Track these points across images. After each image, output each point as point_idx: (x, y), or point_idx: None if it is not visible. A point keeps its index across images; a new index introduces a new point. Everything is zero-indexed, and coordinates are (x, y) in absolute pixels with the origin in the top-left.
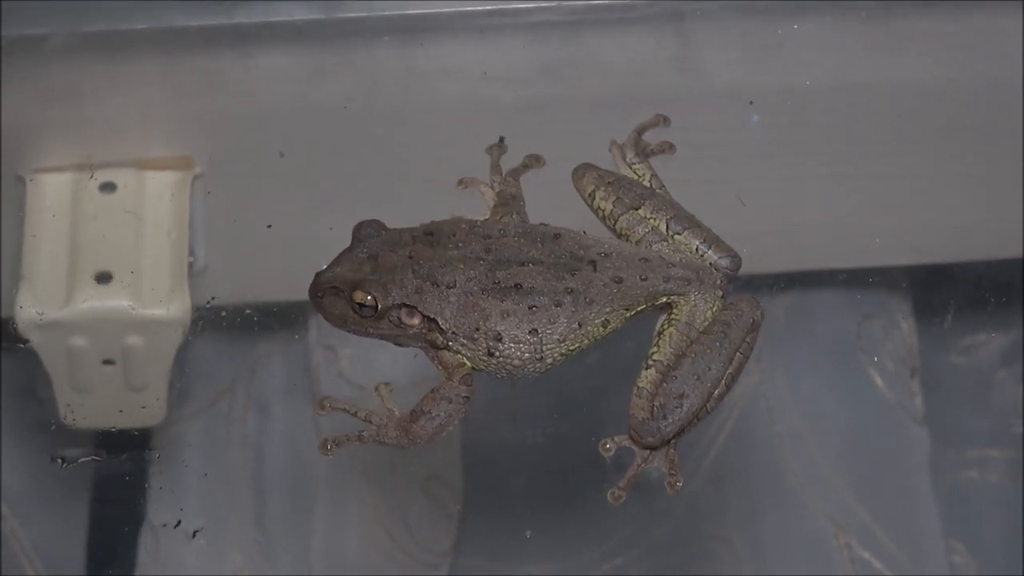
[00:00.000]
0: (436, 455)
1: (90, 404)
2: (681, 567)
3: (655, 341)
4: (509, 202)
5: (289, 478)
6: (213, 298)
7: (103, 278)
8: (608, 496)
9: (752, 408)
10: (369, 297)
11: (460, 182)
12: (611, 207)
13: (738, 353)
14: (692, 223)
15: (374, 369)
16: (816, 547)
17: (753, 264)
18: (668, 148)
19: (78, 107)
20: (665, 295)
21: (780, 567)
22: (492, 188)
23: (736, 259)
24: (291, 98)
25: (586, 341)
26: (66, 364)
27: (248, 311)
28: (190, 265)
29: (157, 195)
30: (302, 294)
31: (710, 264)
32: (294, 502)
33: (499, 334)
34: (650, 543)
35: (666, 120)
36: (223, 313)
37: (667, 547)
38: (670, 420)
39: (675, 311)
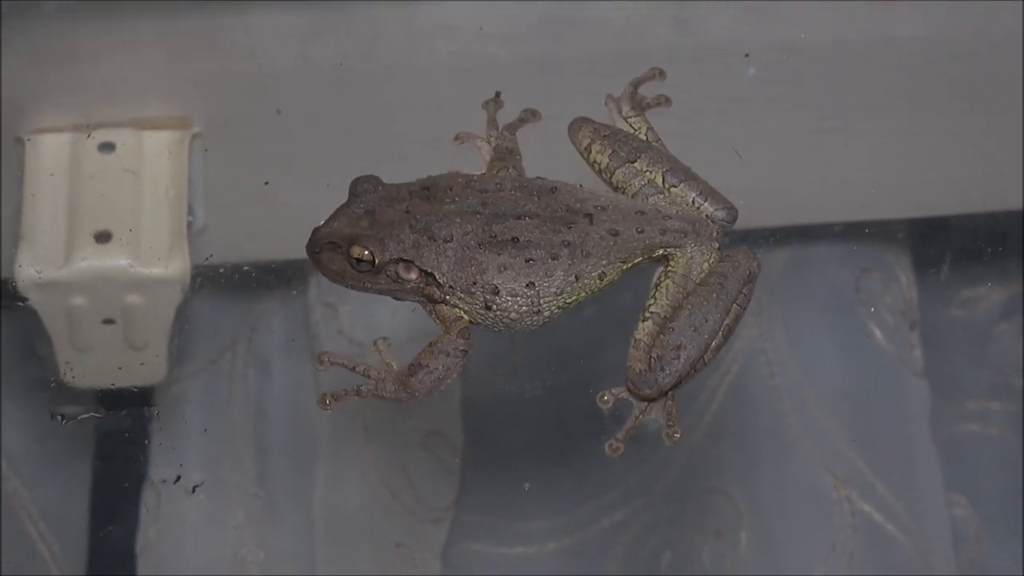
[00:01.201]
0: (436, 411)
1: (90, 363)
2: (681, 520)
3: (652, 293)
4: (505, 156)
5: (290, 435)
6: (210, 256)
7: (102, 237)
8: (606, 448)
9: (751, 362)
10: (366, 252)
11: (456, 137)
12: (607, 160)
13: (735, 304)
14: (688, 175)
15: (374, 326)
16: (816, 500)
17: (750, 218)
18: (664, 101)
19: (76, 68)
20: (662, 247)
21: (780, 520)
22: (488, 143)
23: (732, 211)
24: (289, 56)
25: (583, 294)
26: (66, 324)
27: (246, 268)
28: (189, 224)
29: (155, 154)
30: (301, 252)
31: (706, 216)
32: (295, 459)
33: (496, 288)
34: (650, 496)
35: (661, 73)
36: (221, 270)
37: (667, 500)
38: (668, 372)
39: (672, 263)
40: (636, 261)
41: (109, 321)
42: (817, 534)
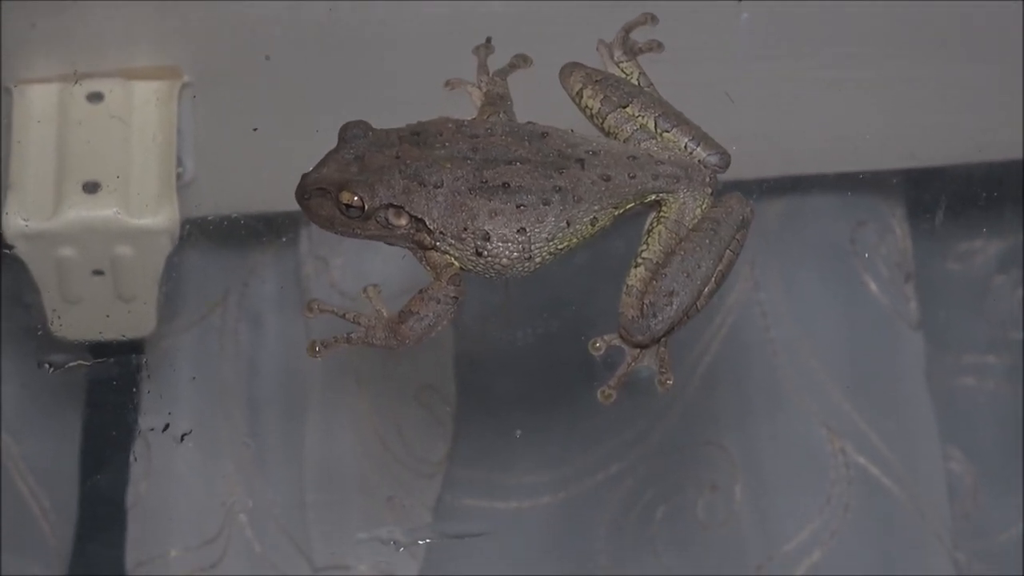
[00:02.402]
0: (429, 363)
1: (80, 314)
2: (675, 473)
3: (644, 239)
4: (496, 102)
5: (282, 387)
6: (198, 205)
7: (91, 187)
8: (598, 395)
9: (746, 314)
10: (356, 198)
11: (447, 83)
12: (599, 105)
13: (728, 251)
14: (680, 120)
15: (365, 279)
16: (811, 452)
17: (743, 168)
18: (656, 46)
19: (64, 17)
20: (654, 193)
21: (774, 472)
22: (479, 88)
23: (725, 156)
24: (278, 3)
25: (575, 240)
26: (55, 274)
27: (236, 216)
28: (179, 175)
29: (144, 104)
30: (292, 203)
31: (699, 161)
32: (286, 410)
33: (487, 233)
34: (644, 449)
35: (653, 19)
36: (210, 218)
37: (661, 453)
38: (660, 318)
39: (664, 209)
40: (628, 207)
41: (98, 272)
42: (812, 487)
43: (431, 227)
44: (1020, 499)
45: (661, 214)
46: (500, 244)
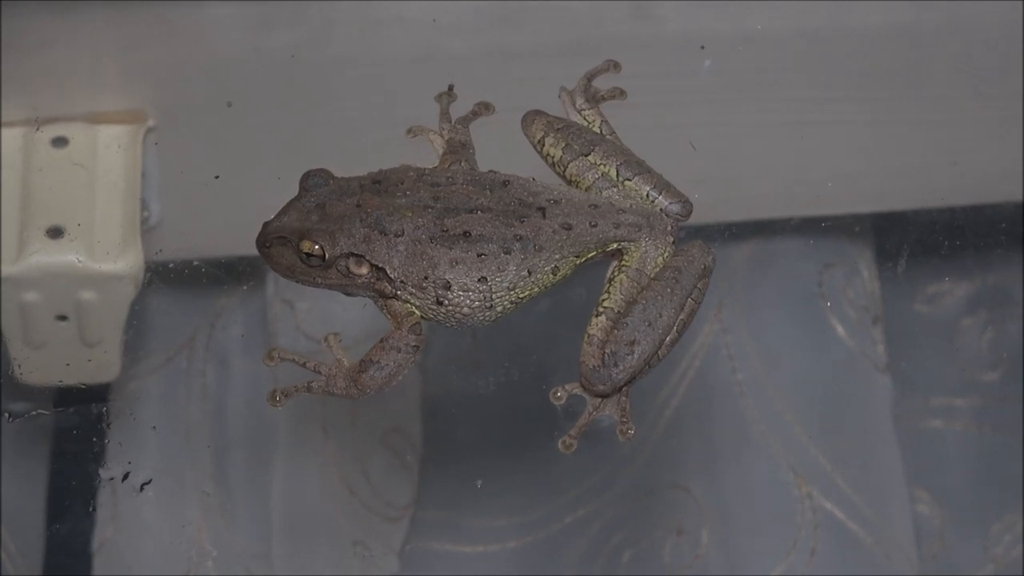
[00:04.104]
0: (396, 407)
1: (44, 360)
2: (642, 516)
3: (606, 288)
4: (458, 150)
5: (248, 432)
6: (160, 251)
7: (55, 232)
8: (559, 445)
9: (713, 358)
10: (316, 247)
11: (409, 130)
12: (560, 153)
13: (690, 299)
14: (642, 169)
15: (331, 323)
16: (777, 496)
17: (711, 213)
18: (619, 94)
19: (28, 61)
20: (615, 241)
21: (741, 516)
22: (441, 136)
23: (687, 205)
24: (241, 48)
25: (536, 289)
26: (19, 320)
27: (198, 263)
28: (145, 220)
29: (108, 148)
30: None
31: (660, 210)
32: (253, 456)
33: (448, 282)
34: (611, 493)
35: (616, 66)
36: (171, 265)
37: (628, 497)
38: (621, 367)
39: (626, 258)
40: (590, 255)
41: (62, 317)
42: (778, 531)
43: (392, 276)
44: (987, 540)
45: (623, 263)
46: (461, 293)
